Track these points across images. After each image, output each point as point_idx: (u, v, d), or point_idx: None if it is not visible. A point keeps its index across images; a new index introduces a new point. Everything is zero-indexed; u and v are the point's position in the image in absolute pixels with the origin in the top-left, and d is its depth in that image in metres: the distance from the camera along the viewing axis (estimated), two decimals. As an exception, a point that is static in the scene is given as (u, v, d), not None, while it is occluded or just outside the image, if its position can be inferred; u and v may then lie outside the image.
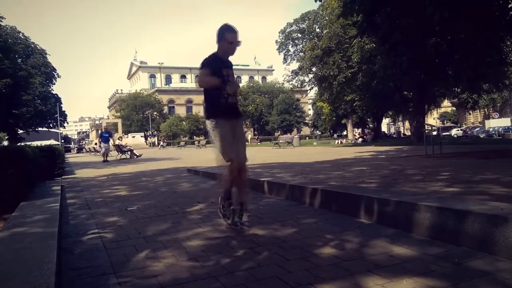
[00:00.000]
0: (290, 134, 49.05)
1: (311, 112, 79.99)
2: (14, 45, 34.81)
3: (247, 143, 3.75)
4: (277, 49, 41.52)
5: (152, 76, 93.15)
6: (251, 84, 73.44)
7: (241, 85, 74.14)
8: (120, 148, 21.43)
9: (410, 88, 23.71)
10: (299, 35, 38.95)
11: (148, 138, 65.55)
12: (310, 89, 46.43)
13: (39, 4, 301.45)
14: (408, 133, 46.31)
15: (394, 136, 50.95)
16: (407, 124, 48.36)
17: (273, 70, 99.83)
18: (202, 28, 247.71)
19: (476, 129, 45.32)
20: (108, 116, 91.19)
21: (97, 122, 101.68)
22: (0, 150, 5.09)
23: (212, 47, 3.34)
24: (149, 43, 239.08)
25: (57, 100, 47.95)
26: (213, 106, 3.29)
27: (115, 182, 8.17)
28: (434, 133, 15.29)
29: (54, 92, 48.50)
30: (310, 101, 73.36)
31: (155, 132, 70.99)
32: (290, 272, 2.20)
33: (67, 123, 63.66)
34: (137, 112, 72.77)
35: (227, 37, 3.22)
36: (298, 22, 39.33)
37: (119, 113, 73.94)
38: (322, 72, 29.07)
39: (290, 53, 41.20)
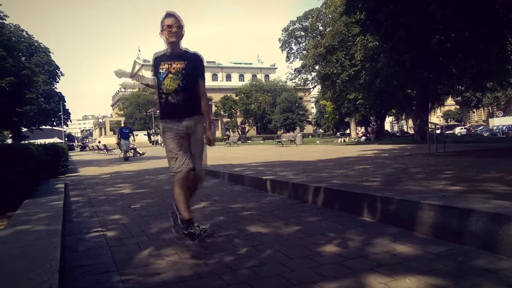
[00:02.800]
0: (293, 133, 48.93)
1: (314, 110, 79.86)
2: (18, 44, 34.84)
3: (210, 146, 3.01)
4: (280, 47, 41.43)
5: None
6: (254, 83, 73.27)
7: (244, 83, 74.56)
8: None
9: (414, 86, 23.66)
10: (302, 33, 38.83)
11: (151, 136, 65.60)
12: (313, 88, 46.27)
13: (42, 2, 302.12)
14: (411, 131, 46.16)
15: (398, 134, 50.76)
16: (410, 122, 48.28)
17: (276, 68, 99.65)
18: (205, 26, 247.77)
19: (480, 128, 45.08)
20: (111, 114, 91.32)
21: (100, 120, 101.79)
22: (4, 148, 5.12)
23: (213, 46, 3.20)
24: (153, 42, 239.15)
25: (61, 98, 48.11)
26: (159, 107, 2.91)
27: (118, 180, 8.19)
28: (438, 131, 15.21)
29: (57, 91, 48.70)
30: (313, 99, 73.20)
31: (158, 130, 71.06)
32: (292, 270, 2.21)
33: (71, 121, 63.85)
34: (140, 110, 72.86)
35: (164, 23, 2.81)
36: (301, 20, 39.23)
37: (122, 111, 74.05)
38: (325, 70, 28.98)
39: (293, 51, 41.10)
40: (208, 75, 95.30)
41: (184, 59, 2.87)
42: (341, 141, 36.22)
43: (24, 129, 41.80)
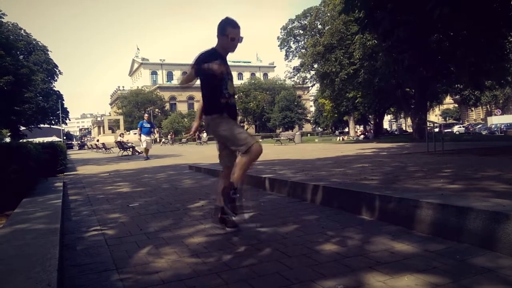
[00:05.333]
0: (292, 131, 48.96)
1: (312, 109, 79.90)
2: (16, 42, 34.81)
3: None
4: (278, 46, 41.38)
5: (154, 73, 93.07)
6: (253, 81, 73.28)
7: (242, 82, 74.49)
8: (122, 145, 21.51)
9: (412, 85, 23.66)
10: (301, 31, 38.81)
11: (151, 135, 65.41)
12: (312, 86, 46.25)
13: (40, 0, 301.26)
14: (410, 130, 46.22)
15: (396, 133, 50.79)
16: (409, 121, 48.27)
17: (275, 67, 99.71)
18: (204, 25, 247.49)
19: (478, 126, 45.21)
20: (109, 113, 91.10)
21: (98, 119, 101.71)
22: (2, 147, 5.10)
23: (211, 45, 3.13)
24: (151, 40, 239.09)
25: (59, 97, 48.07)
26: (215, 103, 3.02)
27: (117, 179, 8.19)
28: (436, 130, 15.26)
29: (56, 89, 48.72)
30: (312, 98, 73.31)
31: (157, 129, 70.97)
32: (291, 268, 2.21)
33: (69, 120, 63.87)
34: (139, 109, 72.74)
35: (229, 32, 2.95)
36: (300, 19, 39.20)
37: (121, 110, 73.95)
38: (324, 69, 28.97)
39: (291, 49, 41.06)
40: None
41: (227, 65, 3.12)
42: (339, 139, 36.28)
43: (23, 128, 41.78)
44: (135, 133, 58.04)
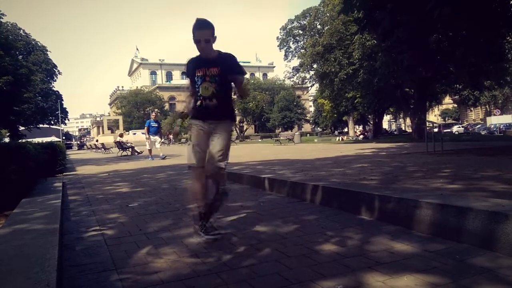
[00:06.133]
0: (291, 131, 48.97)
1: (312, 109, 79.91)
2: (15, 42, 34.78)
3: (233, 145, 3.33)
4: (278, 46, 41.50)
5: (153, 73, 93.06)
6: (252, 81, 73.20)
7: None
8: (121, 145, 21.49)
9: (412, 85, 23.68)
10: (300, 31, 38.89)
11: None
12: (311, 86, 46.33)
13: (40, 0, 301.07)
14: (409, 130, 46.26)
15: (395, 133, 50.88)
16: (408, 121, 48.31)
17: (274, 67, 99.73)
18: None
19: (477, 126, 45.27)
20: (109, 113, 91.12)
21: (98, 119, 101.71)
22: (2, 147, 5.10)
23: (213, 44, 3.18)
24: (150, 40, 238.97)
25: (58, 97, 48.03)
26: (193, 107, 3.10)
27: (116, 179, 8.18)
28: (435, 130, 15.26)
29: (55, 89, 48.68)
30: (311, 98, 73.29)
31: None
32: (291, 268, 2.21)
33: (68, 120, 63.79)
34: (138, 109, 72.73)
35: (194, 34, 2.87)
36: (299, 19, 39.28)
37: (120, 110, 73.92)
38: (323, 69, 28.99)
39: (291, 49, 41.17)
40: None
41: (213, 64, 2.96)
42: (339, 139, 36.28)
43: (22, 128, 41.75)
44: (135, 133, 57.74)
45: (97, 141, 43.72)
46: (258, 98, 65.97)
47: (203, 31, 2.86)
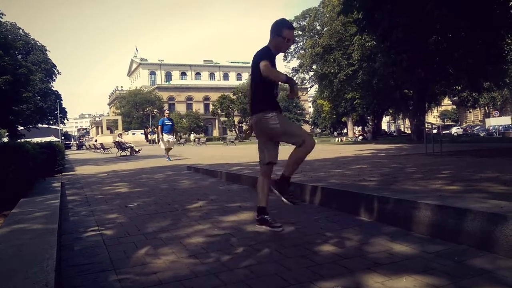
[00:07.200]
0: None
1: (311, 110, 79.97)
2: (14, 42, 34.72)
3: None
4: (277, 46, 41.41)
5: (152, 73, 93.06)
6: (252, 82, 73.29)
7: (241, 82, 74.42)
8: (120, 145, 21.48)
9: (411, 86, 23.71)
10: (300, 32, 38.87)
11: (149, 135, 65.38)
12: (311, 87, 46.41)
13: (39, 0, 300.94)
14: (408, 131, 46.30)
15: (395, 134, 50.88)
16: (407, 122, 48.37)
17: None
18: (202, 25, 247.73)
19: (476, 128, 45.27)
20: (108, 113, 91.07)
21: (97, 119, 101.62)
22: (0, 147, 5.09)
23: (212, 44, 3.24)
24: (150, 40, 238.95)
25: (57, 96, 48.01)
26: (268, 100, 3.26)
27: (115, 179, 8.17)
28: (434, 131, 15.26)
29: (54, 89, 48.64)
30: (311, 98, 73.32)
31: (155, 129, 70.90)
32: (289, 269, 2.20)
33: (67, 120, 63.79)
34: (137, 109, 72.69)
35: (285, 33, 3.02)
36: (299, 19, 39.29)
37: (119, 110, 73.86)
38: (323, 70, 29.05)
39: (290, 50, 41.12)
40: (205, 74, 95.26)
41: None
42: (338, 140, 36.28)
43: (21, 128, 41.71)
44: (134, 133, 57.56)
45: (96, 141, 43.73)
46: (258, 99, 65.94)
47: (294, 32, 3.16)
